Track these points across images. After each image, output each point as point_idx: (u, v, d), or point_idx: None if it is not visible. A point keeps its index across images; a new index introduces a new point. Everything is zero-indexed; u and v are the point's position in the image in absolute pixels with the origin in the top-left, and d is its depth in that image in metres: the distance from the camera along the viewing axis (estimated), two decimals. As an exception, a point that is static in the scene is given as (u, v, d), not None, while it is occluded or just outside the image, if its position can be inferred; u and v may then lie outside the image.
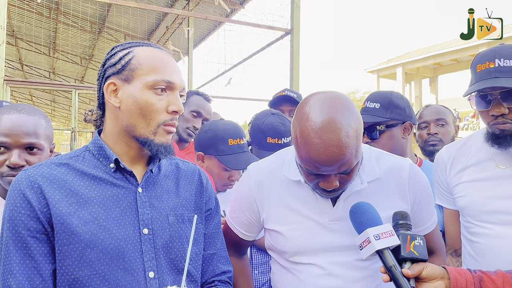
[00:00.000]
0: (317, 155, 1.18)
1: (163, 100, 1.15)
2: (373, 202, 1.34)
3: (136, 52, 1.17)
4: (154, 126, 1.15)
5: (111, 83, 1.16)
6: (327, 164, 1.19)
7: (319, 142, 1.18)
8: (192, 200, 1.30)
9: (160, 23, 11.64)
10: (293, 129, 1.27)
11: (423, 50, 27.25)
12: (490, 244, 1.58)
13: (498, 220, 1.57)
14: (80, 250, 1.08)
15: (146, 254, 1.15)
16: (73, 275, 1.08)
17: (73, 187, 1.13)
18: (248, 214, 1.51)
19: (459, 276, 1.21)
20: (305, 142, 1.20)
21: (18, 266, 1.06)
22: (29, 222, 1.08)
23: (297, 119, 1.26)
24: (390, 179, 1.43)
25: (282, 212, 1.43)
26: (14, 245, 1.07)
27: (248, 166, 1.56)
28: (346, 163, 1.20)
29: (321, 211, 1.39)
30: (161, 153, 1.18)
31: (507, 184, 1.58)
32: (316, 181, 1.28)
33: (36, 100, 23.42)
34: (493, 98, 1.52)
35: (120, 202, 1.16)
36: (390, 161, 1.47)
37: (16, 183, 1.11)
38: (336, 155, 1.17)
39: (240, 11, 9.17)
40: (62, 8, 11.20)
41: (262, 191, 1.46)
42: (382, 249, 1.19)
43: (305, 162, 1.23)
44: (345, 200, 1.38)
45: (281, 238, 1.43)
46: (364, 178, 1.39)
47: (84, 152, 1.21)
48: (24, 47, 14.42)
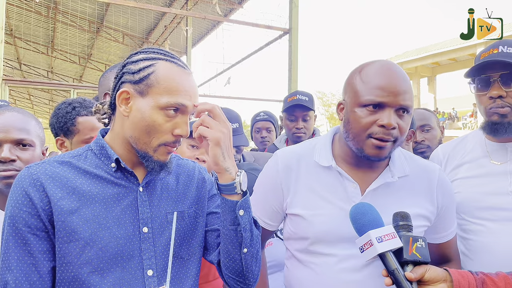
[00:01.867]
0: (387, 78, 1.29)
1: (170, 122, 1.15)
2: (401, 198, 1.37)
3: (157, 67, 1.15)
4: (156, 145, 1.15)
5: (125, 91, 1.15)
6: (396, 86, 1.28)
7: (387, 70, 1.31)
8: (192, 197, 1.31)
9: (158, 22, 11.63)
10: (352, 76, 1.38)
11: (422, 50, 27.28)
12: (484, 241, 1.56)
13: (492, 216, 1.55)
14: (80, 248, 1.09)
15: (145, 252, 1.16)
16: (72, 273, 1.09)
17: (75, 185, 1.14)
18: (271, 200, 1.49)
19: (461, 278, 1.20)
20: (373, 73, 1.32)
21: (16, 263, 1.07)
22: (30, 220, 1.08)
23: (358, 67, 1.38)
24: (419, 179, 1.43)
25: (308, 197, 1.41)
26: (13, 242, 1.08)
27: (276, 151, 1.56)
28: (408, 93, 1.30)
29: (348, 199, 1.37)
30: (155, 171, 1.19)
31: (501, 180, 1.57)
32: (373, 120, 1.29)
33: (34, 99, 23.39)
34: (493, 81, 1.52)
35: (121, 201, 1.17)
36: (420, 162, 1.49)
37: (19, 180, 1.12)
38: (402, 81, 1.30)
39: (239, 10, 9.17)
40: (61, 7, 11.19)
41: (290, 175, 1.45)
42: (384, 252, 1.17)
43: (374, 88, 1.29)
44: (375, 191, 1.38)
45: (303, 222, 1.40)
46: (394, 172, 1.39)
47: (87, 151, 1.22)
48: (23, 46, 14.38)
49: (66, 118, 2.08)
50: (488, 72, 1.51)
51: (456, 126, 26.27)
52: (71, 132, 2.01)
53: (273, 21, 7.02)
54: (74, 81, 18.52)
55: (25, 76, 17.49)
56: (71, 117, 2.07)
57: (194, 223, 1.29)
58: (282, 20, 6.96)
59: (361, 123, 1.30)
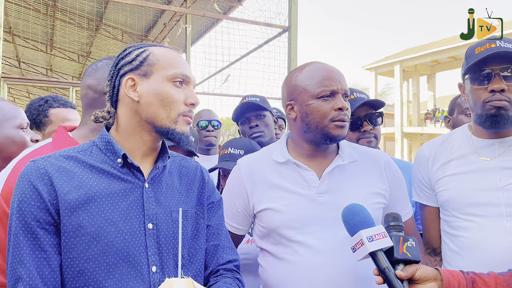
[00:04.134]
0: (328, 72, 1.52)
1: (181, 93, 1.21)
2: (355, 178, 1.56)
3: (152, 50, 1.23)
4: (175, 116, 1.20)
5: (130, 79, 1.20)
6: (337, 76, 1.52)
7: (324, 66, 1.55)
8: (194, 196, 1.33)
9: (157, 20, 11.60)
10: (294, 78, 1.57)
11: (421, 48, 27.27)
12: (474, 237, 1.56)
13: (483, 212, 1.55)
14: (86, 242, 1.10)
15: (150, 248, 1.17)
16: (78, 267, 1.09)
17: (81, 180, 1.14)
18: (237, 204, 1.62)
19: (451, 278, 1.21)
20: (315, 70, 1.54)
21: (29, 257, 1.07)
22: (39, 214, 1.09)
23: (295, 70, 1.60)
24: (367, 162, 1.63)
25: (272, 192, 1.55)
26: (24, 236, 1.08)
27: (238, 160, 1.71)
28: (345, 81, 1.55)
29: (308, 186, 1.53)
30: (183, 142, 1.23)
31: (492, 175, 1.57)
32: (330, 107, 1.49)
33: (33, 97, 23.33)
34: (494, 74, 1.51)
35: (127, 197, 1.17)
36: (366, 149, 1.71)
37: (25, 174, 1.12)
38: (338, 72, 1.55)
39: (238, 8, 9.15)
40: (59, 5, 11.15)
41: (253, 178, 1.60)
42: (375, 251, 1.20)
43: (322, 80, 1.51)
44: (330, 174, 1.54)
45: (272, 213, 1.52)
46: (344, 157, 1.58)
47: (92, 147, 1.23)
48: (21, 44, 14.34)
49: (38, 110, 2.22)
50: (488, 66, 1.51)
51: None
52: (43, 124, 2.10)
53: (272, 19, 7.00)
54: (73, 79, 18.48)
55: (24, 74, 17.45)
56: (43, 109, 2.22)
57: (196, 223, 1.30)
58: (282, 17, 6.94)
59: (321, 111, 1.49)
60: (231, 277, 1.34)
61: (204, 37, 11.55)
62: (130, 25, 11.98)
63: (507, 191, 1.53)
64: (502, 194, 1.53)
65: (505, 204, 1.52)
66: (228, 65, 8.43)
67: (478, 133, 1.66)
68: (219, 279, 1.31)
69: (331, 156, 1.59)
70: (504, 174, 1.55)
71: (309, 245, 1.46)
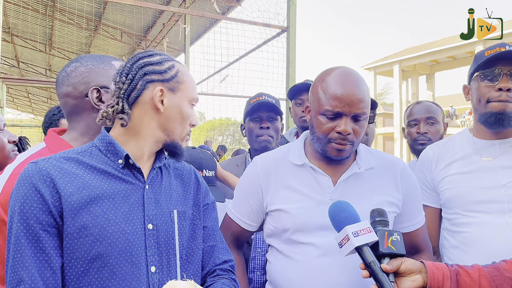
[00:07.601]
0: (343, 88, 1.42)
1: (191, 114, 1.32)
2: (370, 187, 1.54)
3: (179, 67, 1.30)
4: (185, 134, 1.30)
5: (161, 89, 1.24)
6: (351, 96, 1.40)
7: (344, 79, 1.44)
8: (191, 198, 1.36)
9: (156, 20, 11.60)
10: (316, 84, 1.51)
11: (420, 47, 27.29)
12: (478, 232, 1.63)
13: (486, 209, 1.62)
14: (89, 243, 1.10)
15: (149, 249, 1.19)
16: (82, 268, 1.10)
17: (84, 181, 1.15)
18: (252, 202, 1.63)
19: (436, 270, 1.25)
20: (331, 82, 1.44)
21: (31, 259, 1.07)
22: (41, 216, 1.08)
23: (320, 76, 1.51)
24: (384, 170, 1.59)
25: (287, 193, 1.56)
26: (25, 238, 1.07)
27: (254, 157, 1.71)
28: (364, 101, 1.42)
29: (322, 191, 1.52)
30: (181, 157, 1.33)
31: (494, 174, 1.65)
32: (332, 126, 1.44)
33: (32, 97, 23.33)
34: (503, 74, 1.58)
35: (129, 198, 1.19)
36: (384, 156, 1.66)
37: (26, 175, 1.11)
38: (357, 90, 1.42)
39: (237, 8, 9.15)
40: (58, 5, 11.15)
41: (269, 177, 1.60)
42: (360, 245, 1.22)
43: (332, 98, 1.42)
44: (345, 181, 1.53)
45: (284, 215, 1.53)
46: (361, 164, 1.55)
47: (91, 148, 1.23)
48: (21, 44, 14.33)
49: (51, 119, 2.39)
50: (498, 66, 1.59)
51: (454, 123, 26.31)
52: None
53: (271, 19, 6.99)
54: (72, 79, 18.45)
55: (23, 74, 17.44)
56: (55, 118, 2.40)
57: (193, 224, 1.32)
58: (280, 18, 6.93)
59: (322, 129, 1.46)
60: (228, 277, 1.37)
61: (202, 37, 11.55)
62: (129, 25, 11.99)
63: (509, 189, 1.61)
64: (504, 192, 1.61)
65: (507, 200, 1.60)
66: (226, 65, 8.42)
67: (480, 134, 1.74)
68: (216, 280, 1.34)
69: (348, 161, 1.57)
70: (506, 172, 1.64)
71: (318, 246, 1.48)
